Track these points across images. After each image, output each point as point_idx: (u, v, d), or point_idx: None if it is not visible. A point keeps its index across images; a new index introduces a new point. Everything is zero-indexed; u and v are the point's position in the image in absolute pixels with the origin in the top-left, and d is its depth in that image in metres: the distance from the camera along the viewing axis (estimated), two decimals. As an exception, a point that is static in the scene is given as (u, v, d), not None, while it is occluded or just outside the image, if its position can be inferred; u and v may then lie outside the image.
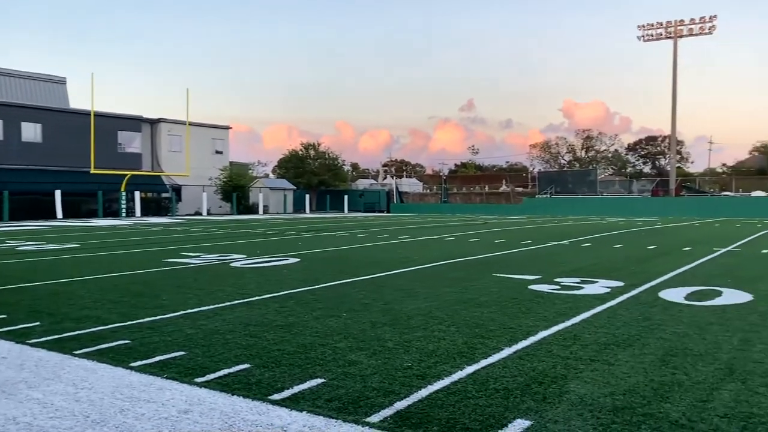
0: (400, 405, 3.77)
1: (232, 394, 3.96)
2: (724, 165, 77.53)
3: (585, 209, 47.37)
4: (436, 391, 4.03)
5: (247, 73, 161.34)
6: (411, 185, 74.55)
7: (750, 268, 10.66)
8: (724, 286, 8.58)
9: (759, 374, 4.37)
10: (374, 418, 3.56)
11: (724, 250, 14.46)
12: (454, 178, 79.83)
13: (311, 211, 54.65)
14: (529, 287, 8.44)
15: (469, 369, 4.52)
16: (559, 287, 8.44)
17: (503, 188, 65.71)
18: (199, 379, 4.27)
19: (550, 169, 76.90)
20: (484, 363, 4.69)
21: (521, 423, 3.48)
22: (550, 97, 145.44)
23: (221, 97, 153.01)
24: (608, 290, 8.18)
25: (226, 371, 4.47)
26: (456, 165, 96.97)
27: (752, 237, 19.23)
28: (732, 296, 7.70)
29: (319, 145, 60.76)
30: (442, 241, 17.96)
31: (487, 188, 66.04)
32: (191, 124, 43.02)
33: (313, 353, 4.98)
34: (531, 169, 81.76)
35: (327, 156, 60.34)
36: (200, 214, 45.26)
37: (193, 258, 12.59)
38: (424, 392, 4.00)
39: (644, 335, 5.58)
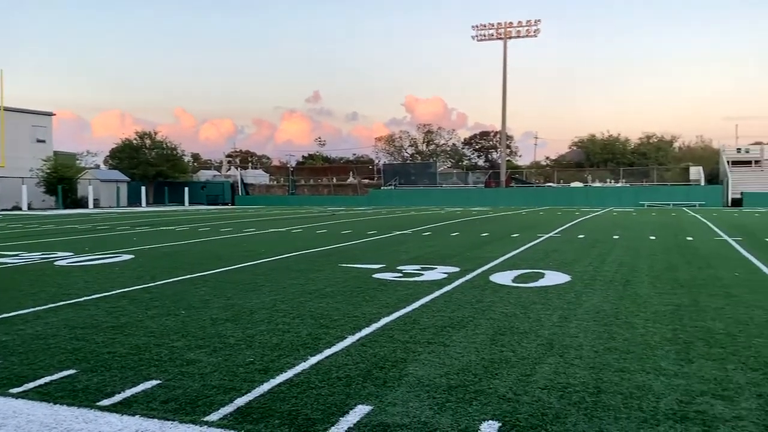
0: (240, 401, 3.68)
1: (55, 404, 3.63)
2: (547, 158, 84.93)
3: (426, 200, 49.53)
4: (279, 384, 3.98)
5: (73, 54, 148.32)
6: (257, 177, 73.16)
7: (568, 252, 11.77)
8: (547, 268, 9.39)
9: (574, 348, 4.83)
10: (213, 417, 3.44)
11: (547, 236, 15.83)
12: (302, 169, 79.59)
13: (148, 204, 51.65)
14: (373, 276, 8.64)
15: (313, 360, 4.53)
16: (401, 275, 8.73)
17: (350, 180, 66.71)
18: (15, 390, 3.86)
19: (394, 162, 79.33)
20: (327, 353, 4.72)
21: (362, 408, 3.55)
22: (394, 91, 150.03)
23: (43, 80, 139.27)
24: (446, 276, 8.61)
25: (47, 379, 4.08)
26: (303, 156, 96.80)
27: (571, 224, 21.25)
28: (553, 277, 8.45)
29: (155, 133, 57.62)
30: (288, 233, 17.83)
31: (334, 180, 66.63)
32: (6, 109, 38.69)
33: (148, 354, 4.71)
34: (376, 161, 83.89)
35: (165, 146, 57.37)
36: (19, 209, 40.98)
37: (10, 257, 11.35)
38: (266, 386, 3.94)
39: (477, 317, 5.95)
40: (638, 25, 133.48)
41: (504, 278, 8.38)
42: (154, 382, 4.02)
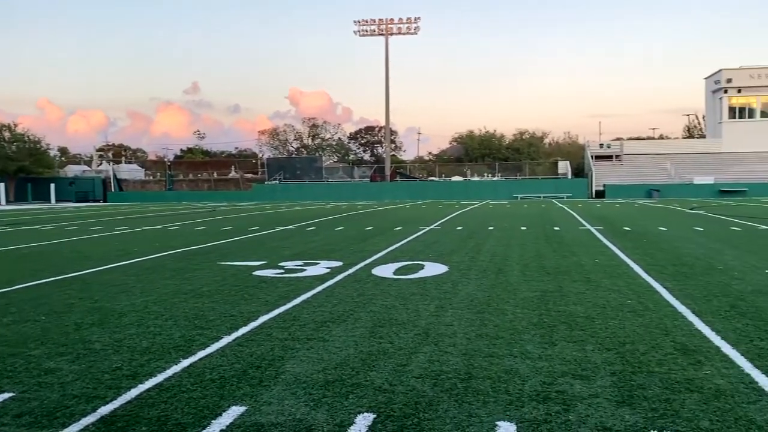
0: (104, 410, 3.47)
1: None
2: (430, 153, 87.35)
3: (312, 195, 49.32)
4: (148, 390, 3.80)
5: None
6: (131, 172, 69.33)
7: (447, 243, 12.17)
8: (426, 260, 9.65)
9: (448, 336, 5.00)
10: (73, 428, 3.22)
11: (428, 228, 16.28)
12: (180, 164, 76.46)
13: (8, 202, 47.53)
14: (254, 273, 8.47)
15: (185, 362, 4.36)
16: (283, 271, 8.62)
17: (232, 175, 64.96)
18: None
19: (279, 156, 78.23)
20: (201, 354, 4.56)
21: (236, 410, 3.47)
22: (277, 84, 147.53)
23: None
24: (328, 270, 8.61)
25: None
26: (182, 150, 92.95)
27: (450, 216, 21.99)
28: (432, 269, 8.70)
29: (15, 126, 53.10)
30: (165, 231, 17.07)
31: (215, 175, 64.59)
32: None
33: (1, 365, 4.32)
34: (260, 155, 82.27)
35: (27, 139, 53.01)
36: None
37: None
38: (133, 392, 3.74)
39: (357, 310, 6.00)
40: (512, 26, 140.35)
41: (386, 271, 8.51)
42: (7, 395, 3.71)
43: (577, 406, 3.46)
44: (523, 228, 15.92)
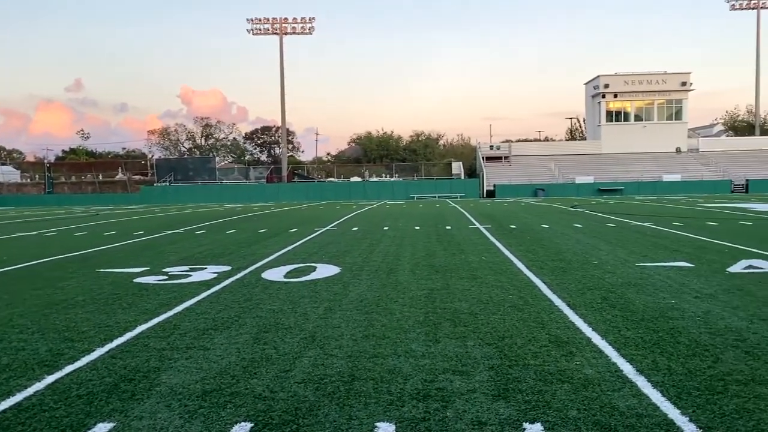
0: (-52, 438, 3.14)
1: None
2: (328, 154, 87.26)
3: (205, 197, 47.80)
4: (3, 411, 3.48)
5: None
6: (6, 174, 64.18)
7: (341, 244, 12.15)
8: (319, 261, 9.58)
9: (335, 338, 4.96)
10: None
11: (323, 229, 16.20)
12: (62, 165, 71.68)
13: None
14: (135, 280, 8.05)
15: (50, 379, 4.05)
16: (166, 277, 8.25)
17: (119, 176, 61.75)
18: None
19: (170, 157, 75.23)
20: (69, 369, 4.25)
21: (103, 427, 3.25)
22: (168, 82, 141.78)
23: None
24: (215, 275, 8.33)
25: None
26: (63, 151, 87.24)
27: (347, 217, 22.03)
28: (324, 270, 8.63)
29: None
30: (40, 237, 15.91)
31: (101, 177, 61.11)
32: None
33: None
34: (150, 156, 78.73)
35: None
36: None
37: None
38: (-15, 416, 3.42)
39: (243, 316, 5.83)
40: (408, 29, 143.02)
41: (276, 274, 8.36)
42: None
43: (455, 402, 3.52)
44: (416, 228, 16.20)
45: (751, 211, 20.22)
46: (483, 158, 52.30)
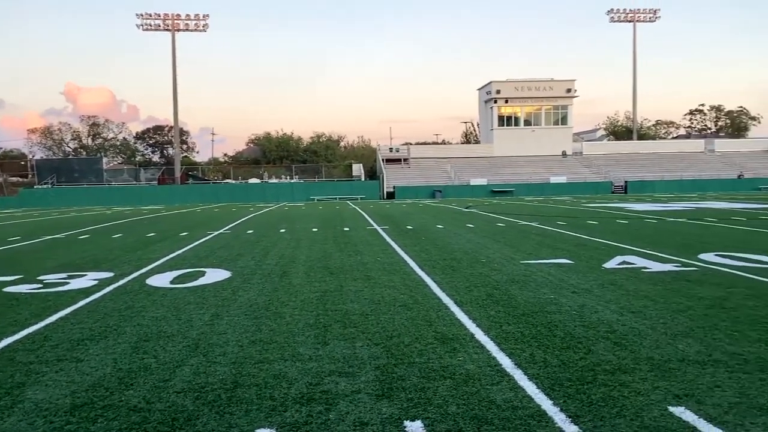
0: None
1: None
2: (225, 155, 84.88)
3: (92, 199, 45.19)
4: None
5: None
6: None
7: (234, 248, 11.85)
8: (209, 266, 9.29)
9: (220, 345, 4.81)
10: None
11: (216, 232, 15.74)
12: (-75, 166, 65.28)
13: None
14: (4, 290, 7.46)
15: None
16: (41, 286, 7.70)
17: (-6, 178, 57.08)
18: None
19: (53, 157, 70.49)
20: None
21: (-48, 453, 2.97)
22: (50, 77, 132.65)
23: None
24: (96, 282, 7.87)
25: None
26: (-72, 150, 79.47)
27: (243, 219, 21.55)
28: (214, 275, 8.38)
29: None
30: None
31: (-29, 178, 56.23)
32: None
33: None
34: (30, 156, 73.37)
35: None
36: None
37: None
38: None
39: (123, 324, 5.54)
40: (309, 29, 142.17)
41: (162, 280, 8.02)
42: None
43: (339, 404, 3.51)
44: (314, 229, 16.11)
45: (628, 211, 21.72)
46: (383, 160, 52.89)
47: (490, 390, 3.69)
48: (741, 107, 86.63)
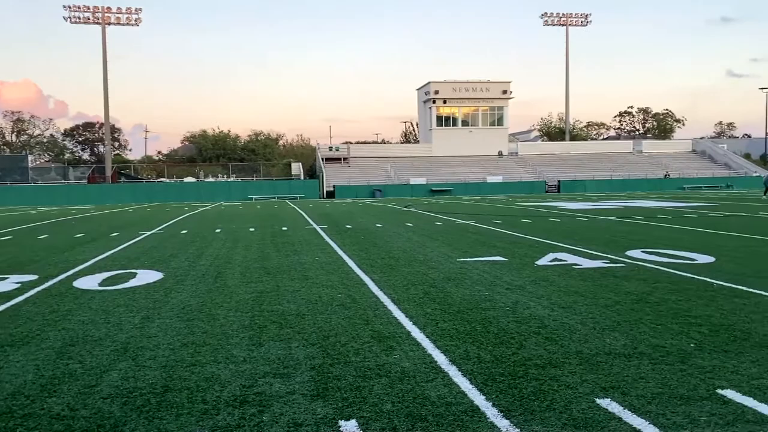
0: None
1: None
2: (159, 153, 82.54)
3: (16, 199, 43.05)
4: None
5: None
6: None
7: (167, 248, 11.54)
8: (141, 267, 9.00)
9: (150, 348, 4.66)
10: None
11: (149, 232, 15.28)
12: None
13: None
14: None
15: None
16: (-43, 290, 7.28)
17: None
18: None
19: (-28, 154, 66.79)
20: None
21: None
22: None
23: None
24: (18, 285, 7.51)
25: None
26: None
27: (177, 219, 21.00)
28: (145, 276, 8.13)
29: None
30: None
31: None
32: None
33: None
34: (-54, 154, 69.31)
35: None
36: None
37: None
38: None
39: (47, 329, 5.30)
40: (247, 25, 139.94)
41: (90, 282, 7.72)
42: None
43: (273, 406, 3.46)
44: (251, 229, 15.86)
45: (561, 209, 22.38)
46: (323, 159, 52.63)
47: (425, 387, 3.71)
48: (667, 110, 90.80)
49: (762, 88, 66.99)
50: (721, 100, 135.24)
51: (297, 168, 55.50)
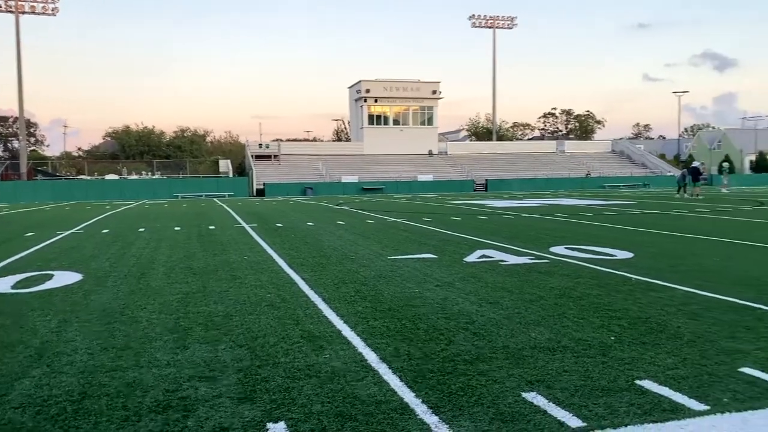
0: None
1: None
2: (79, 149, 78.96)
3: None
4: None
5: None
6: None
7: (87, 249, 11.03)
8: (58, 269, 8.57)
9: (67, 354, 4.44)
10: None
11: (68, 232, 14.58)
12: None
13: None
14: None
15: None
16: None
17: None
18: None
19: None
20: None
21: None
22: None
23: None
24: None
25: None
26: None
27: (98, 218, 20.14)
28: (63, 278, 7.74)
29: None
30: None
31: None
32: None
33: None
34: None
35: None
36: None
37: None
38: None
39: (-49, 336, 4.94)
40: (174, 17, 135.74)
41: (2, 285, 7.28)
42: None
43: (198, 410, 3.35)
44: (177, 228, 15.40)
45: (489, 207, 22.88)
46: (252, 156, 51.74)
47: (355, 386, 3.69)
48: (588, 111, 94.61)
49: (675, 92, 70.95)
50: (638, 103, 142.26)
51: (225, 165, 54.37)
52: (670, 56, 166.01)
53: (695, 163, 31.65)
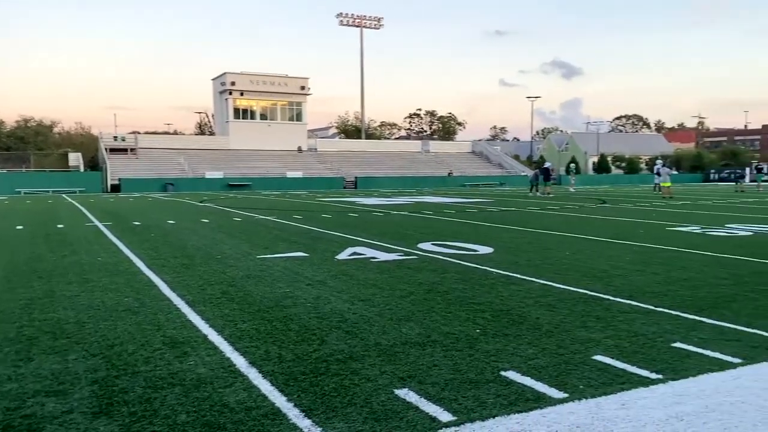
0: None
1: None
2: None
3: None
4: None
5: None
6: None
7: None
8: None
9: None
10: None
11: None
12: None
13: None
14: None
15: None
16: None
17: None
18: None
19: None
20: None
21: None
22: None
23: None
24: None
25: None
26: None
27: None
28: None
29: None
30: None
31: None
32: None
33: None
34: None
35: None
36: None
37: None
38: None
39: None
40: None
41: None
42: None
43: (45, 429, 3.03)
44: (19, 227, 14.01)
45: (359, 204, 23.09)
46: (106, 150, 48.36)
47: (223, 393, 3.52)
48: (450, 113, 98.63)
49: (528, 97, 75.91)
50: (495, 107, 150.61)
51: (76, 159, 50.39)
52: (524, 63, 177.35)
53: (546, 164, 34.05)
